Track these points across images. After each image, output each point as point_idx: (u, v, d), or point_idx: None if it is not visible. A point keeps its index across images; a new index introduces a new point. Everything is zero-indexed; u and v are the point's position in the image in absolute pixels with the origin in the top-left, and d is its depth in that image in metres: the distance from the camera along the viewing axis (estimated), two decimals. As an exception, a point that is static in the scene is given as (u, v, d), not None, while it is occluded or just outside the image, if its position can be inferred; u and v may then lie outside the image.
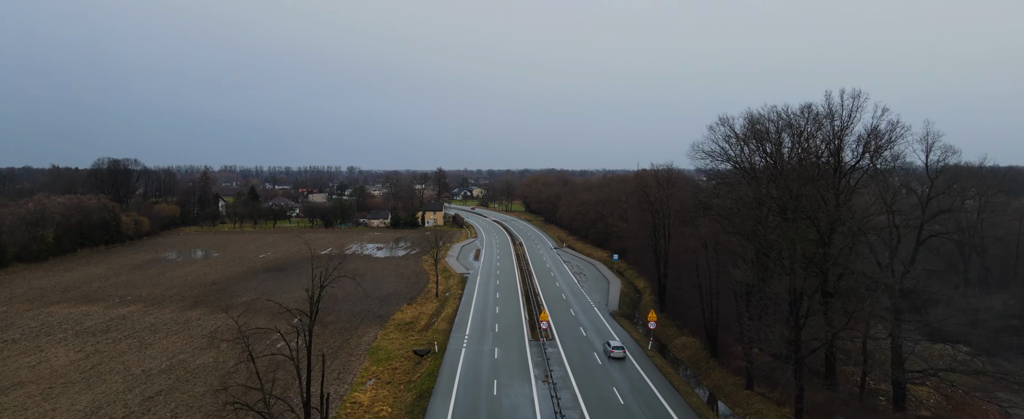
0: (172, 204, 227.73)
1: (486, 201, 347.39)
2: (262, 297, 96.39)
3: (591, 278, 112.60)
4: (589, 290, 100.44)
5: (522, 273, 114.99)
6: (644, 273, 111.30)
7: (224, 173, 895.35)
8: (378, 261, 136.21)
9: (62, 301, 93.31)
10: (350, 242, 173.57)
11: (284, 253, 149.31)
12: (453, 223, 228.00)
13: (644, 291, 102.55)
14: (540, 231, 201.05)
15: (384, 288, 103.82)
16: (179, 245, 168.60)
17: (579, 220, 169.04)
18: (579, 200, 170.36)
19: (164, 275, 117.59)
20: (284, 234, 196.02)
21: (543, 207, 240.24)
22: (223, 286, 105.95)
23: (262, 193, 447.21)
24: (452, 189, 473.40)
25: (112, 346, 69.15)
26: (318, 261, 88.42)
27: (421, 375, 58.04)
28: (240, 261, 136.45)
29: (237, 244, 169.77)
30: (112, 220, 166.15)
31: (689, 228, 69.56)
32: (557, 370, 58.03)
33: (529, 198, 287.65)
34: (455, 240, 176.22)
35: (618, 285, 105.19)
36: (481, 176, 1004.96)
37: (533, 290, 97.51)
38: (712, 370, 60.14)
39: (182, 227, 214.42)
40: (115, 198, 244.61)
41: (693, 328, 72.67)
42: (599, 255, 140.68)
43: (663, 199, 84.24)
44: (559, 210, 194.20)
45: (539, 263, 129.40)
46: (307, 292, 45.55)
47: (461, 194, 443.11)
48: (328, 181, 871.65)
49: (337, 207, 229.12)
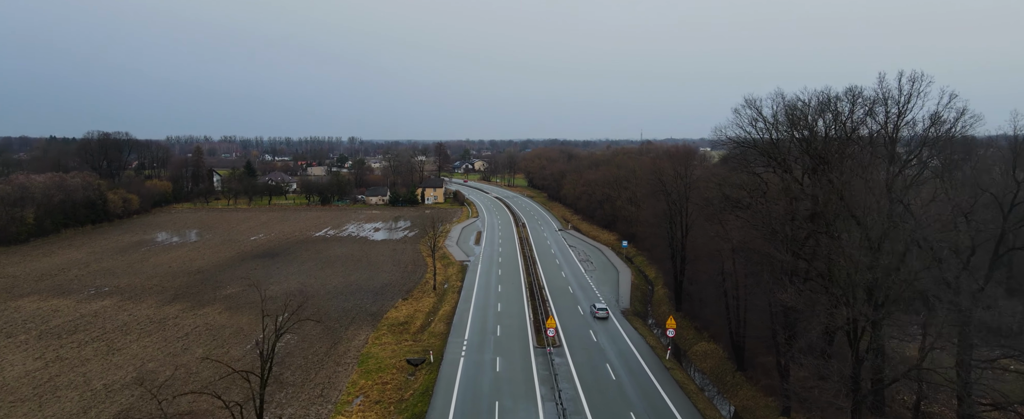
0: (164, 180, 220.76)
1: (488, 175, 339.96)
2: (248, 288, 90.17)
3: (599, 266, 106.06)
4: (597, 281, 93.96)
5: (525, 261, 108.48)
6: (655, 261, 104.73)
7: (223, 144, 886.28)
8: (375, 245, 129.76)
9: (33, 293, 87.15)
10: (347, 221, 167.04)
11: (277, 235, 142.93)
12: (454, 200, 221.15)
13: (656, 282, 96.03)
14: (543, 210, 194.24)
15: (379, 278, 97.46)
16: (169, 224, 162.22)
17: (585, 200, 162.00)
18: (585, 179, 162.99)
19: (147, 261, 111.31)
20: (279, 212, 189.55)
21: (547, 184, 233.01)
22: (208, 275, 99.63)
23: (260, 166, 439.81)
24: (453, 162, 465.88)
25: (76, 352, 63.00)
26: (271, 303, 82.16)
27: (414, 393, 51.80)
28: (230, 244, 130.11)
29: (229, 224, 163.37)
30: (98, 198, 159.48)
31: (712, 223, 62.46)
32: (566, 387, 51.77)
33: (532, 173, 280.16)
34: (455, 220, 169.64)
35: (628, 276, 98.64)
36: (483, 147, 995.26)
37: (538, 282, 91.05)
38: (739, 386, 53.83)
39: (174, 204, 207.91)
40: (107, 173, 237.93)
41: (714, 332, 66.24)
42: (606, 239, 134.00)
43: (681, 189, 77.05)
44: (564, 188, 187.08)
45: (543, 248, 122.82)
46: (257, 346, 37.90)
47: (462, 167, 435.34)
48: (329, 152, 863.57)
49: (335, 183, 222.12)
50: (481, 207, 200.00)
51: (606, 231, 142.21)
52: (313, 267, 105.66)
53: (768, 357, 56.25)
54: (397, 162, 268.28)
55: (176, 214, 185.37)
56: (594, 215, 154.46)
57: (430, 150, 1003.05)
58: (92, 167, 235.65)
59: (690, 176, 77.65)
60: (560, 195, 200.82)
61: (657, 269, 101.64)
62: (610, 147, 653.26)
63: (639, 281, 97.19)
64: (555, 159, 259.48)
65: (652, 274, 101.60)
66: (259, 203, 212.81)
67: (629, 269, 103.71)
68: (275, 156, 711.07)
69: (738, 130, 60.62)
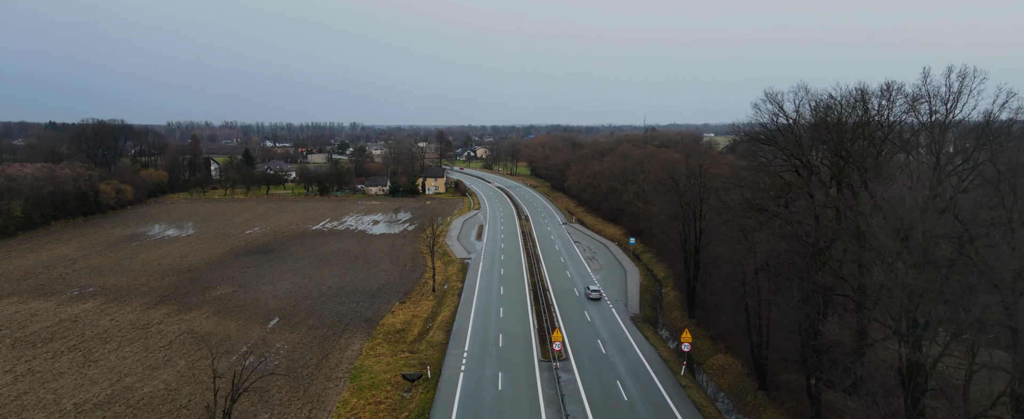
0: (161, 169, 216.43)
1: (490, 162, 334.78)
2: (239, 289, 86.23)
3: (605, 265, 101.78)
4: (604, 282, 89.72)
5: (529, 258, 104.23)
6: (664, 258, 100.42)
7: (224, 130, 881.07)
8: (373, 240, 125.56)
9: (13, 294, 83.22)
10: (346, 213, 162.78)
11: (273, 228, 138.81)
12: (455, 190, 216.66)
13: (666, 283, 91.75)
14: (547, 201, 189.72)
15: (376, 277, 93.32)
16: (163, 216, 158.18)
17: (590, 191, 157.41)
18: (591, 171, 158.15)
19: (137, 257, 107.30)
20: (277, 203, 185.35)
21: (550, 174, 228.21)
22: (198, 273, 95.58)
23: (259, 154, 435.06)
24: (455, 150, 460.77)
25: (50, 363, 59.04)
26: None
27: (409, 415, 47.73)
28: (224, 238, 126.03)
29: (225, 215, 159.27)
30: (89, 190, 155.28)
31: (731, 229, 57.94)
32: (574, 410, 47.64)
33: (535, 162, 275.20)
34: (457, 212, 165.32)
35: (636, 275, 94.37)
36: (485, 133, 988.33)
37: (542, 284, 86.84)
38: (761, 408, 49.65)
39: (170, 194, 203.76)
40: (103, 161, 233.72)
41: (731, 343, 61.98)
42: (611, 233, 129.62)
43: (695, 189, 72.42)
44: (568, 180, 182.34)
45: (547, 245, 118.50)
46: (208, 411, 33.41)
47: (464, 154, 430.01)
48: (330, 138, 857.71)
49: (334, 173, 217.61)
50: (483, 198, 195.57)
51: (612, 225, 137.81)
52: (308, 265, 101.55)
53: (792, 374, 52.07)
54: (398, 150, 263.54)
55: (171, 205, 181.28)
56: (599, 208, 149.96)
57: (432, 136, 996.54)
58: (87, 155, 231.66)
59: (706, 174, 72.91)
60: (564, 186, 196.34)
61: (666, 267, 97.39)
62: (613, 133, 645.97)
63: (648, 281, 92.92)
64: (558, 148, 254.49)
65: (661, 273, 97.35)
66: (256, 193, 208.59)
67: (637, 268, 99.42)
68: (276, 142, 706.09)
69: (759, 127, 56.24)
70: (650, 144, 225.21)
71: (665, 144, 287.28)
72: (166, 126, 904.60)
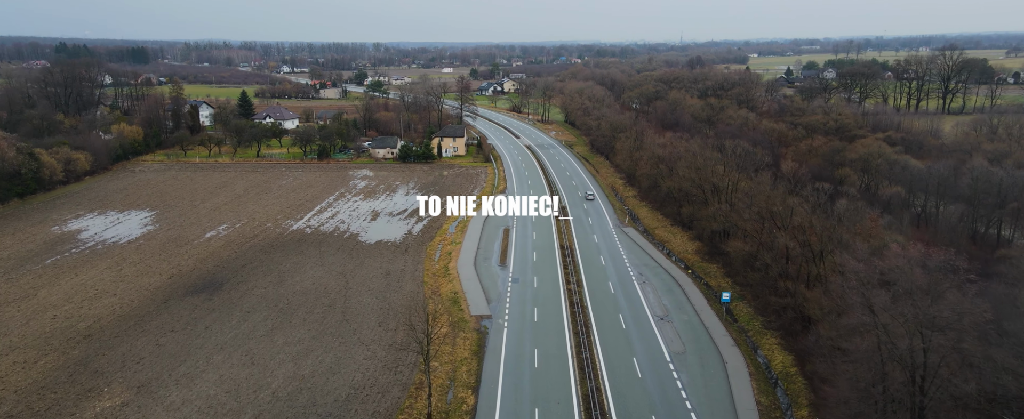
0: (138, 123, 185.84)
1: (519, 104, 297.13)
2: (137, 395, 56.73)
3: (690, 346, 67.83)
4: (695, 396, 57.61)
5: (575, 324, 71.99)
6: (791, 339, 67.31)
7: (242, 52, 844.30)
8: (365, 258, 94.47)
9: None
10: (340, 196, 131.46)
11: (243, 227, 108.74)
12: (478, 152, 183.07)
13: (800, 392, 58.11)
14: (587, 175, 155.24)
15: (348, 366, 62.53)
16: (119, 197, 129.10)
17: (648, 180, 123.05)
18: (653, 155, 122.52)
19: (33, 298, 78.22)
20: (264, 173, 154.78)
21: (591, 132, 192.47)
22: (93, 349, 65.93)
23: (270, 85, 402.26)
24: (480, 85, 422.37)
25: None
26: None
27: None
28: (172, 251, 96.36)
29: (193, 197, 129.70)
30: (26, 166, 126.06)
31: None
32: None
33: (571, 109, 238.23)
34: (477, 191, 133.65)
35: (746, 380, 61.10)
36: (514, 53, 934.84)
37: (599, 401, 55.15)
38: None
39: (144, 156, 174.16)
40: (73, 110, 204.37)
41: None
42: (681, 247, 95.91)
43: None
44: (618, 154, 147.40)
45: (600, 289, 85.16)
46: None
47: (491, 89, 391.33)
48: (351, 60, 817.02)
49: (337, 130, 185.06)
50: (510, 168, 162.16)
51: (680, 230, 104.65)
52: (260, 323, 71.37)
53: None
54: (414, 98, 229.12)
55: (139, 175, 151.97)
56: (664, 204, 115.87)
57: (457, 58, 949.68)
58: (55, 104, 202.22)
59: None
60: (609, 156, 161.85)
61: (800, 369, 62.58)
62: (651, 59, 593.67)
63: (764, 388, 59.82)
64: (600, 98, 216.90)
65: (789, 363, 63.13)
66: (244, 155, 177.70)
67: (742, 357, 65.63)
68: (294, 66, 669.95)
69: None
70: (697, 67, 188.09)
71: (722, 86, 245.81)
72: (184, 47, 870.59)
